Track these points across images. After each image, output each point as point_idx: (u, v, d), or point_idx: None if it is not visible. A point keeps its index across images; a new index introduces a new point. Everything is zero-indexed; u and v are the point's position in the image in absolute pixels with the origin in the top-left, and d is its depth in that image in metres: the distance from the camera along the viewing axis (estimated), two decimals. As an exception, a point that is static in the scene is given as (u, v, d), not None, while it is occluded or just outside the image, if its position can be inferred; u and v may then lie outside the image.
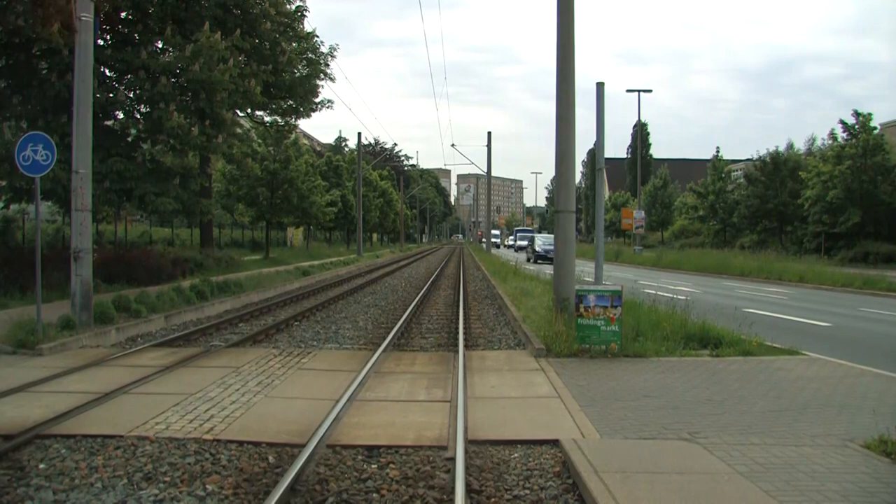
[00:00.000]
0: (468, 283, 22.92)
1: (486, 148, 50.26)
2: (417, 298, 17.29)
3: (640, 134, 64.17)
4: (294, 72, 24.11)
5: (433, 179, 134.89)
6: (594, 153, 59.26)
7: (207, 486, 4.72)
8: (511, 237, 74.76)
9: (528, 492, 4.73)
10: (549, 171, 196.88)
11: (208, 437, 5.66)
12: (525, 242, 59.55)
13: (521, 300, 14.61)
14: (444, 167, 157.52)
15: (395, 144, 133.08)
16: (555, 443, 5.53)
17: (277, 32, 21.67)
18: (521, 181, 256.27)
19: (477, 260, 41.79)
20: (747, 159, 53.48)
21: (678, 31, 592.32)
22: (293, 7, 23.36)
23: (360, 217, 46.08)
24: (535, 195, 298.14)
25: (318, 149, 71.73)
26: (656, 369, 8.37)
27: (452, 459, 5.10)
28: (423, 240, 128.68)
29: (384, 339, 10.75)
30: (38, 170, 10.12)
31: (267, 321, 13.35)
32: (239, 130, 20.08)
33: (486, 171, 51.73)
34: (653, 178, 63.71)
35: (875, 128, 37.12)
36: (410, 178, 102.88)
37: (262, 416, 6.33)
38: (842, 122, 37.49)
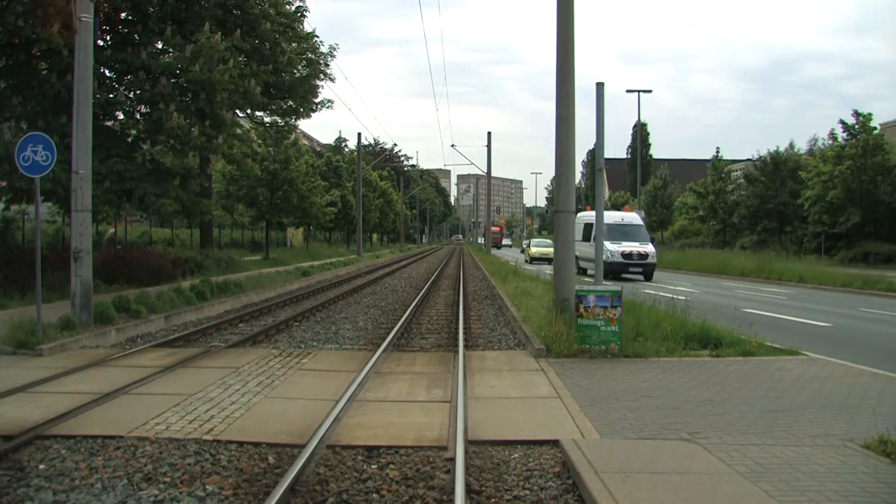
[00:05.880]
0: (468, 284, 22.92)
1: (485, 148, 50.26)
2: (417, 299, 17.29)
3: (640, 134, 64.20)
4: (294, 72, 24.14)
5: (433, 180, 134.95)
6: (594, 153, 58.99)
7: (207, 487, 4.72)
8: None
9: (527, 492, 4.73)
10: (549, 172, 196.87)
11: (208, 437, 5.66)
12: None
13: (520, 300, 14.61)
14: (443, 167, 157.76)
15: (395, 145, 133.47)
16: (555, 443, 5.53)
17: (277, 33, 21.67)
18: (521, 181, 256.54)
19: (477, 260, 41.80)
20: (747, 159, 53.52)
21: (678, 30, 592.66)
22: (293, 7, 23.42)
23: (360, 217, 46.08)
24: (535, 195, 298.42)
25: (318, 149, 71.71)
26: (656, 369, 8.37)
27: (452, 460, 5.10)
28: (423, 240, 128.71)
29: (384, 339, 10.75)
30: (37, 170, 10.12)
31: (267, 321, 13.35)
32: (239, 131, 20.04)
33: (486, 171, 51.73)
34: (653, 178, 63.72)
35: (875, 128, 37.15)
36: (410, 178, 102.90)
37: (262, 416, 6.33)
38: (842, 122, 37.56)
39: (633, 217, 30.64)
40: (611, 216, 29.09)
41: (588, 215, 29.87)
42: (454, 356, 9.29)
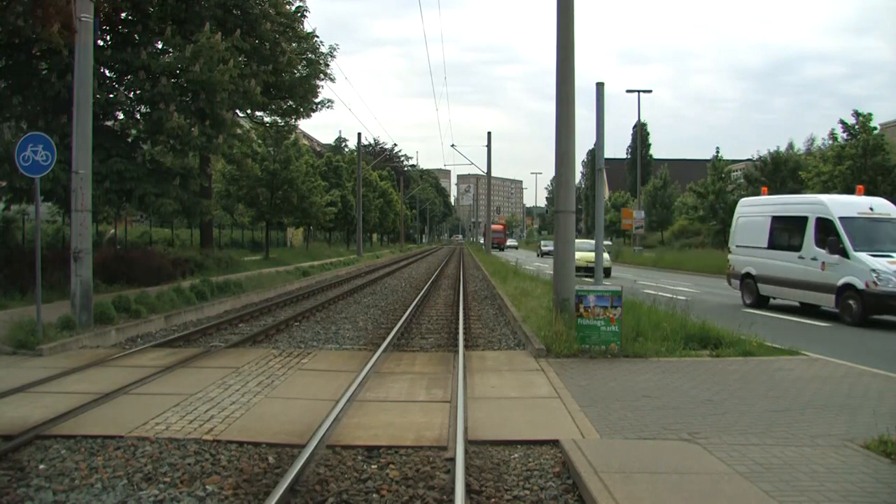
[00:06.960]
0: (468, 284, 22.91)
1: (485, 148, 50.25)
2: (417, 299, 17.29)
3: (640, 134, 64.18)
4: (294, 72, 24.15)
5: (433, 180, 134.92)
6: (594, 153, 58.91)
7: (207, 487, 4.72)
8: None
9: (527, 492, 4.73)
10: (549, 171, 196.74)
11: (208, 437, 5.66)
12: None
13: (521, 300, 14.61)
14: (444, 167, 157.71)
15: (395, 145, 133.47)
16: (555, 443, 5.53)
17: (277, 33, 21.68)
18: (521, 181, 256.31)
19: (477, 260, 41.80)
20: (747, 159, 53.53)
21: (678, 30, 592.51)
22: (293, 7, 23.42)
23: (360, 217, 46.09)
24: (535, 195, 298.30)
25: (318, 149, 71.69)
26: (656, 370, 8.37)
27: (452, 460, 5.10)
28: (423, 240, 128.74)
29: (384, 339, 10.75)
30: (37, 170, 10.12)
31: (267, 321, 13.35)
32: (239, 131, 20.06)
33: (486, 171, 51.73)
34: (653, 178, 63.70)
35: (875, 128, 37.11)
36: (410, 178, 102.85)
37: (262, 416, 6.33)
38: (842, 122, 37.49)
39: (889, 207, 15.74)
40: (849, 203, 15.79)
41: (770, 202, 18.22)
42: (454, 356, 9.29)
